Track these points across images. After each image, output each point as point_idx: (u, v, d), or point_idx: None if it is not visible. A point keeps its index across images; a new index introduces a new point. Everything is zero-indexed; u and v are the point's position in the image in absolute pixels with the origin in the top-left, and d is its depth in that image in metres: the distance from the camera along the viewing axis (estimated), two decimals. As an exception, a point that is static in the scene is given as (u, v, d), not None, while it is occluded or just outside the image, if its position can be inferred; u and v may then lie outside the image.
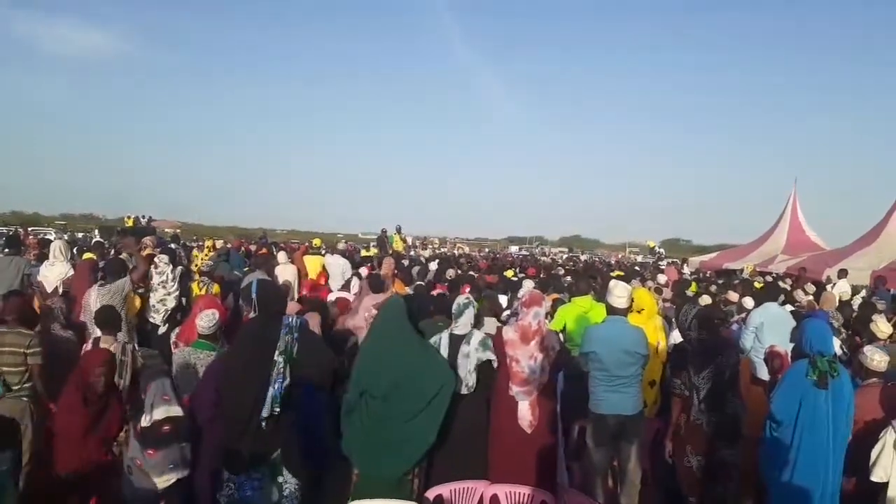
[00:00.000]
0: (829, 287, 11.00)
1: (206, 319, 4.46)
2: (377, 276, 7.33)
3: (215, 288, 7.41)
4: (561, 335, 5.70)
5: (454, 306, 4.39)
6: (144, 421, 3.49)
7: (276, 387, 3.57)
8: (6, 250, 7.42)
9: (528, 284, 8.15)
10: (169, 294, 6.86)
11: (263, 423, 3.61)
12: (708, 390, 4.07)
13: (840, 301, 8.98)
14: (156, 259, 6.97)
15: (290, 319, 3.77)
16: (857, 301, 9.73)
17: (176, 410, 3.48)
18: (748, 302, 7.37)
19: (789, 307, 7.36)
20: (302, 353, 3.68)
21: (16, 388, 4.20)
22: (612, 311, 4.43)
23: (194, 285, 7.60)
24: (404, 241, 20.43)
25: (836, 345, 5.48)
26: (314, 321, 4.88)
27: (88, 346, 4.09)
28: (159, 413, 3.51)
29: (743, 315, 6.99)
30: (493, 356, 4.12)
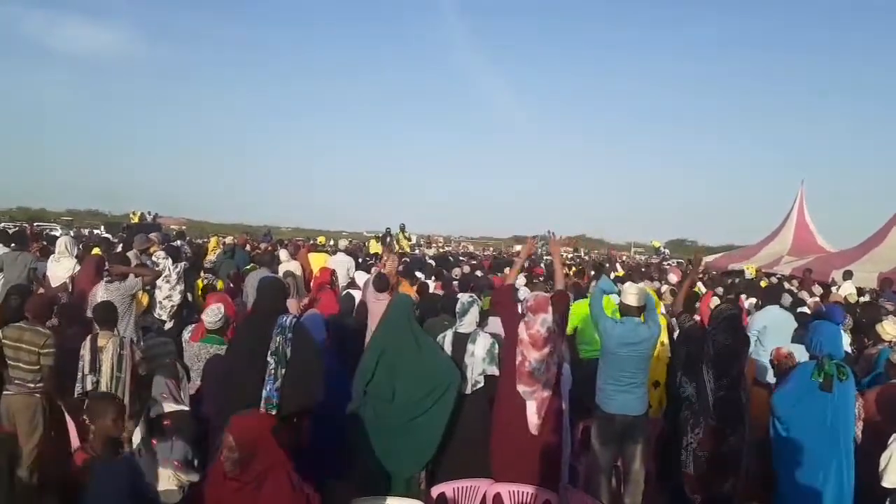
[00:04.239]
0: (834, 289, 10.95)
1: (211, 314, 4.49)
2: (382, 276, 7.30)
3: (219, 284, 7.43)
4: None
5: (458, 305, 4.37)
6: (152, 412, 3.51)
7: (267, 388, 3.53)
8: (12, 245, 7.44)
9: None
10: (173, 289, 6.87)
11: None
12: (721, 394, 4.04)
13: (847, 303, 8.93)
14: (153, 257, 6.98)
15: (284, 319, 3.70)
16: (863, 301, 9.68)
17: (175, 406, 3.48)
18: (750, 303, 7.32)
19: (798, 309, 7.31)
20: (293, 355, 3.63)
21: (31, 385, 4.21)
22: (625, 311, 4.41)
23: (199, 282, 7.63)
24: (408, 239, 20.40)
25: (846, 343, 5.46)
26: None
27: (87, 341, 4.11)
28: (165, 407, 3.52)
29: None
30: (497, 371, 4.11)
